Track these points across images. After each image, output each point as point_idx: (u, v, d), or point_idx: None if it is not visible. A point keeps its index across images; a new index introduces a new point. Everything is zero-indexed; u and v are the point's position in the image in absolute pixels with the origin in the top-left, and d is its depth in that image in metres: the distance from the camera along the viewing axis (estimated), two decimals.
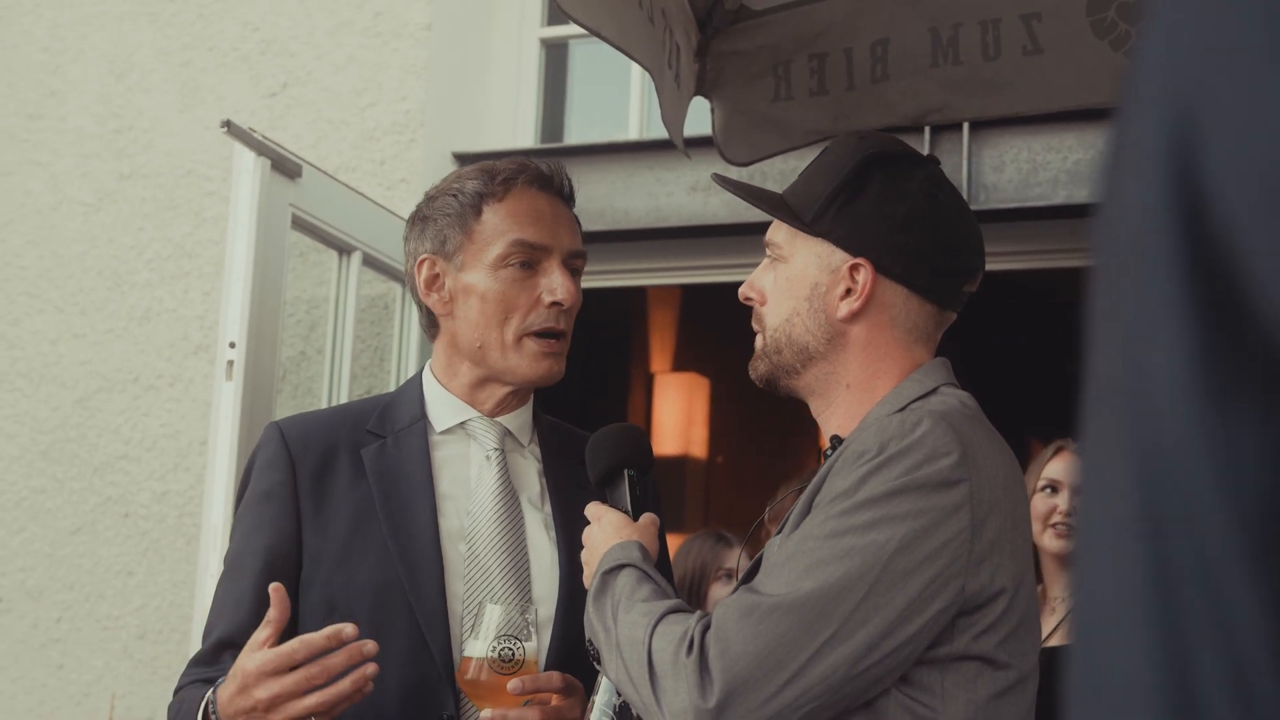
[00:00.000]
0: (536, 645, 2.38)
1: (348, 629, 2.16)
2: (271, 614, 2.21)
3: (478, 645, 2.33)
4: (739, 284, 2.17)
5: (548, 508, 2.60)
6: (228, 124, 3.63)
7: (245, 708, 2.18)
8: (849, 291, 2.10)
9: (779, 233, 2.19)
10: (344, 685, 2.15)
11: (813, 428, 7.56)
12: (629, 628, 1.97)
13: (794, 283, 2.14)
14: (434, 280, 2.59)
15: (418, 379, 2.67)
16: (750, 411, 8.16)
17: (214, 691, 2.25)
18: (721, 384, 7.90)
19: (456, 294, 2.55)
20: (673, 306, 7.71)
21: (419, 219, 2.63)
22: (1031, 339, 7.23)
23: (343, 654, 2.15)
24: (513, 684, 2.29)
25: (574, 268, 2.57)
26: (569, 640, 2.47)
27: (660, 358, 7.79)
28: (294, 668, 2.15)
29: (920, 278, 2.11)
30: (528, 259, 2.50)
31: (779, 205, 2.18)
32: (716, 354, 7.89)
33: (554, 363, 2.55)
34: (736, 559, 4.24)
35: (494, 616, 2.34)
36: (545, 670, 2.43)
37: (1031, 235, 4.26)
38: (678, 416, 7.65)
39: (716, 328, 7.83)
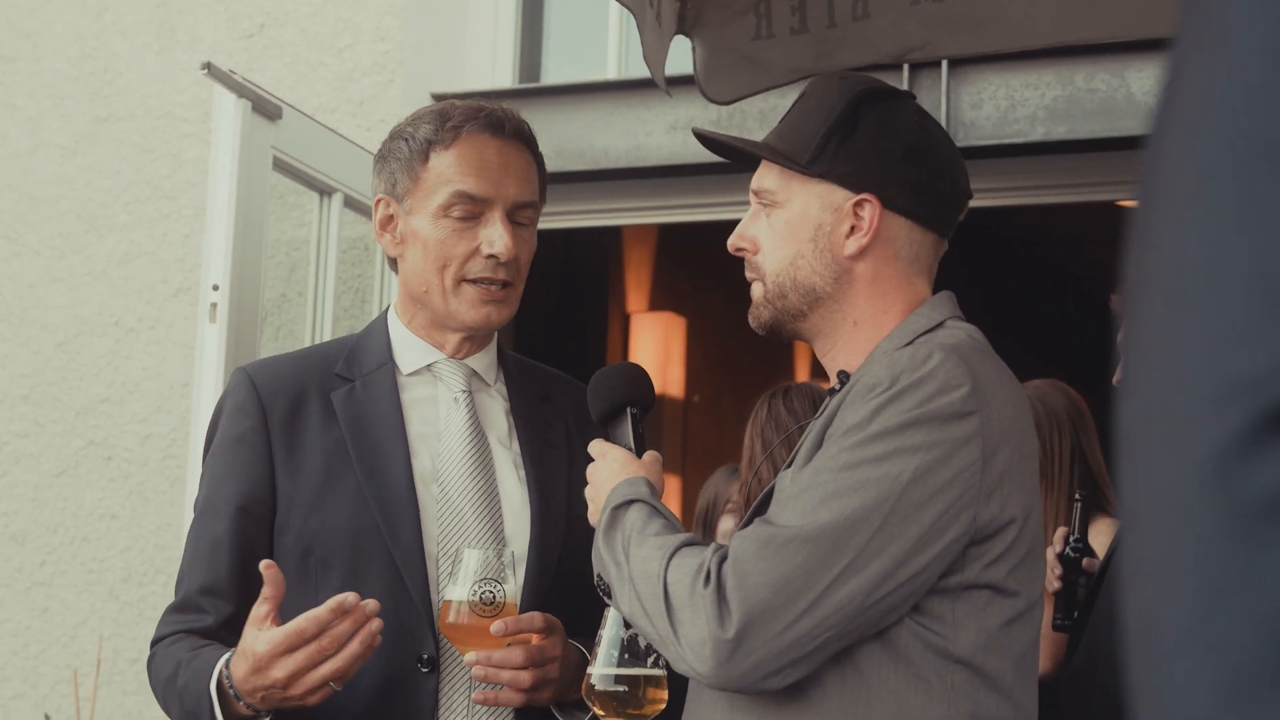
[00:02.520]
0: (515, 587, 2.39)
1: (350, 598, 2.18)
2: (268, 591, 2.23)
3: (457, 590, 2.33)
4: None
5: (515, 446, 2.60)
6: (208, 66, 3.59)
7: (263, 685, 2.21)
8: (854, 229, 2.11)
9: (769, 179, 2.18)
10: (354, 648, 2.19)
11: (788, 366, 7.56)
12: (643, 562, 1.97)
13: (794, 226, 2.14)
14: (388, 221, 2.59)
15: (383, 320, 2.66)
16: (726, 351, 8.17)
17: (226, 667, 2.26)
18: (698, 324, 7.91)
19: (406, 237, 2.56)
20: (649, 246, 7.70)
21: (380, 157, 2.64)
22: (1006, 276, 7.27)
23: (348, 621, 2.18)
24: (496, 626, 2.30)
25: (520, 219, 2.55)
26: (543, 577, 2.48)
27: (636, 298, 7.78)
28: (305, 642, 2.17)
29: (923, 208, 2.12)
30: (468, 210, 2.50)
31: (771, 151, 2.18)
32: (693, 294, 7.89)
33: (494, 309, 2.53)
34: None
35: (472, 561, 2.34)
36: (522, 609, 2.44)
37: (1010, 171, 4.26)
38: (654, 356, 7.66)
39: (694, 268, 7.83)
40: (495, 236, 2.49)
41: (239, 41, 4.76)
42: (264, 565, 2.24)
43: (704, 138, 2.29)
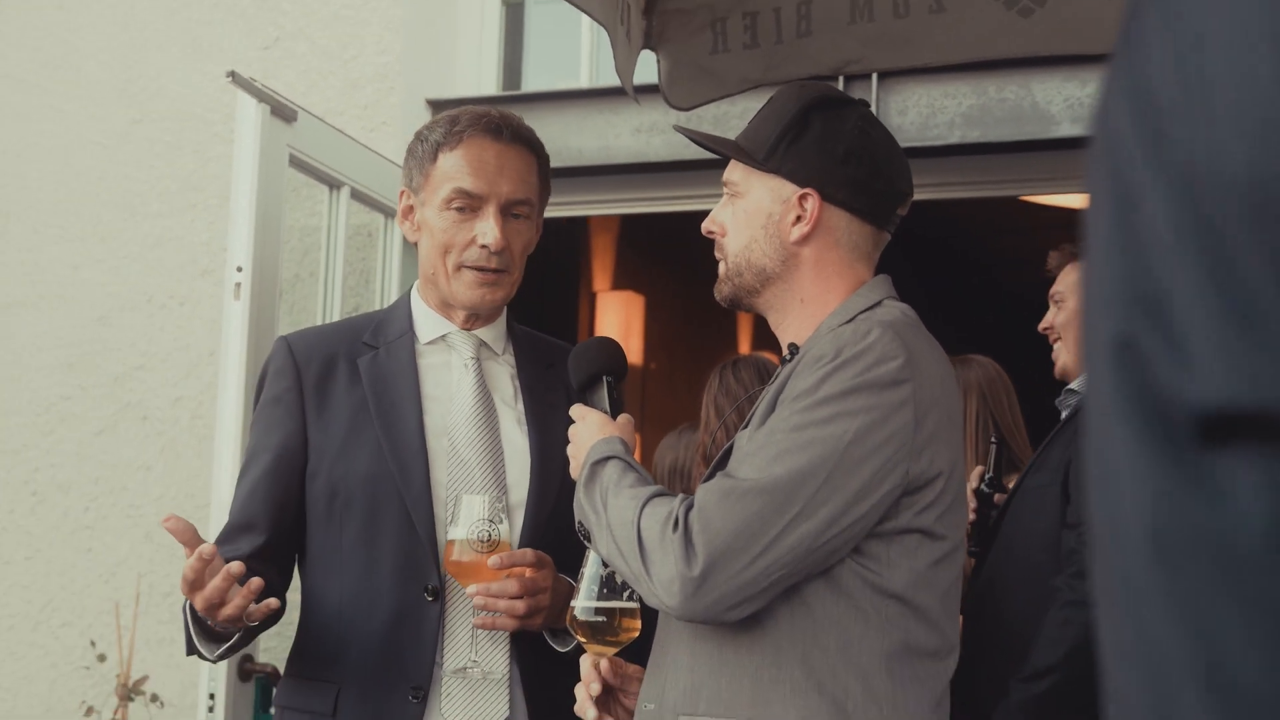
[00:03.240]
0: (509, 528, 2.40)
1: (205, 549, 2.20)
2: (183, 538, 2.25)
3: (459, 530, 2.35)
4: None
5: (520, 406, 2.62)
6: (233, 74, 3.58)
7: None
8: (799, 218, 2.12)
9: (735, 172, 2.20)
10: (238, 601, 2.21)
11: (731, 338, 7.55)
12: (618, 510, 1.98)
13: (750, 214, 2.16)
14: (408, 211, 2.64)
15: (406, 297, 2.69)
16: (679, 325, 8.20)
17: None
18: (655, 301, 7.92)
19: (421, 225, 2.59)
20: (613, 233, 7.70)
21: (406, 155, 2.66)
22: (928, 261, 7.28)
23: (221, 578, 2.19)
24: (492, 560, 2.32)
25: (514, 214, 2.56)
26: (540, 518, 2.51)
27: (601, 278, 7.79)
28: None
29: (860, 202, 2.13)
30: (466, 204, 2.53)
31: (735, 149, 2.19)
32: (651, 275, 7.90)
33: (488, 291, 2.56)
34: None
35: (472, 505, 2.36)
36: (520, 547, 2.45)
37: (930, 170, 4.27)
38: (617, 329, 7.64)
39: (652, 252, 7.83)
40: (487, 229, 2.51)
41: (257, 53, 4.73)
42: (164, 521, 2.28)
43: (684, 133, 2.30)
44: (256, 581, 2.22)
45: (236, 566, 2.21)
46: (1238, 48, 0.54)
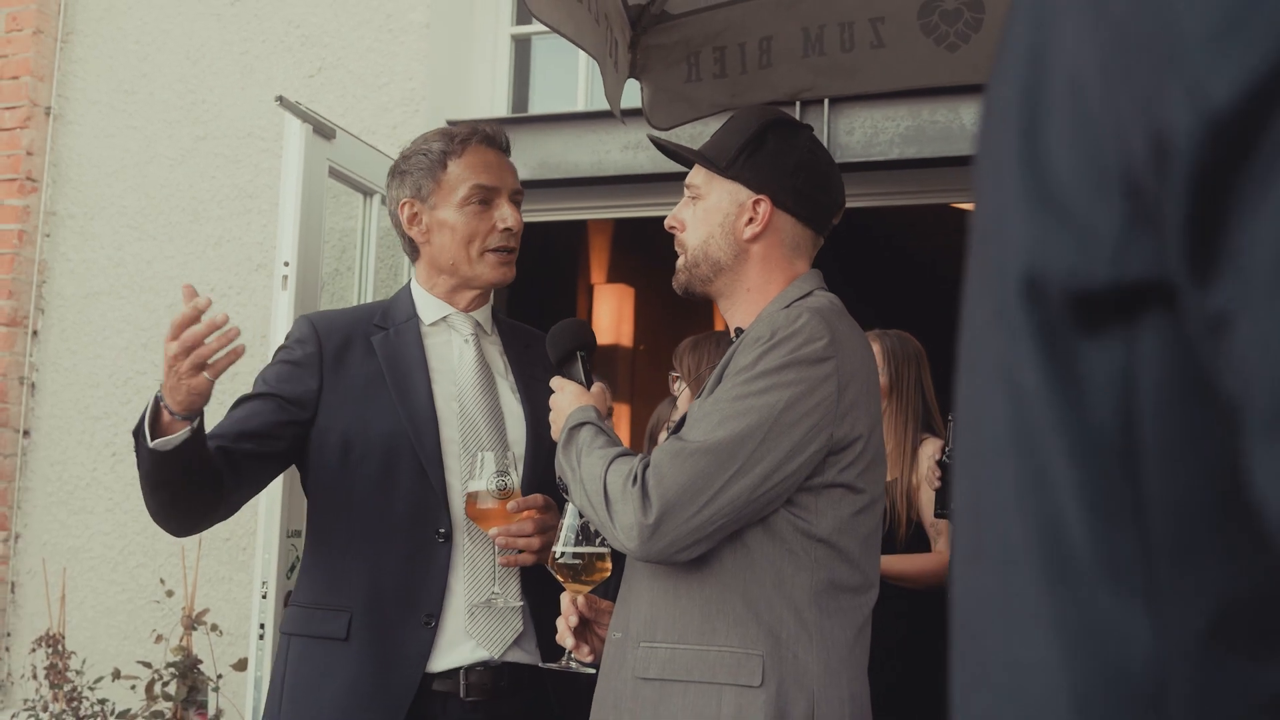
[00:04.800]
0: (518, 477, 2.40)
1: (201, 302, 2.19)
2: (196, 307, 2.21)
3: (479, 483, 2.35)
4: (660, 218, 2.17)
5: (511, 377, 2.63)
6: (280, 99, 3.57)
7: (170, 379, 2.20)
8: (751, 220, 2.12)
9: (698, 177, 2.19)
10: (213, 345, 2.18)
11: (708, 323, 7.53)
12: (589, 468, 1.99)
13: (710, 213, 2.15)
14: (414, 218, 2.60)
15: (407, 289, 2.68)
16: (664, 313, 8.18)
17: (159, 391, 2.25)
18: (643, 293, 7.91)
19: (433, 227, 2.57)
20: (607, 234, 7.69)
21: (397, 172, 2.63)
22: (870, 260, 7.28)
23: (202, 326, 2.18)
24: (510, 505, 2.33)
25: (517, 200, 2.60)
26: (537, 470, 2.51)
27: (597, 272, 7.78)
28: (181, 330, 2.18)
29: (804, 210, 2.13)
30: (484, 197, 2.53)
31: (700, 156, 2.18)
32: (640, 270, 7.89)
33: (508, 269, 2.59)
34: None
35: (488, 460, 2.36)
36: (522, 494, 2.46)
37: (874, 182, 4.27)
38: (611, 316, 7.65)
39: (640, 251, 7.82)
40: (507, 214, 2.54)
41: (303, 80, 4.72)
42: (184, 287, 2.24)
43: (657, 144, 2.29)
44: (234, 330, 2.18)
45: (221, 316, 2.18)
46: None
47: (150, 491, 2.32)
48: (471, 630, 2.42)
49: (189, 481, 2.30)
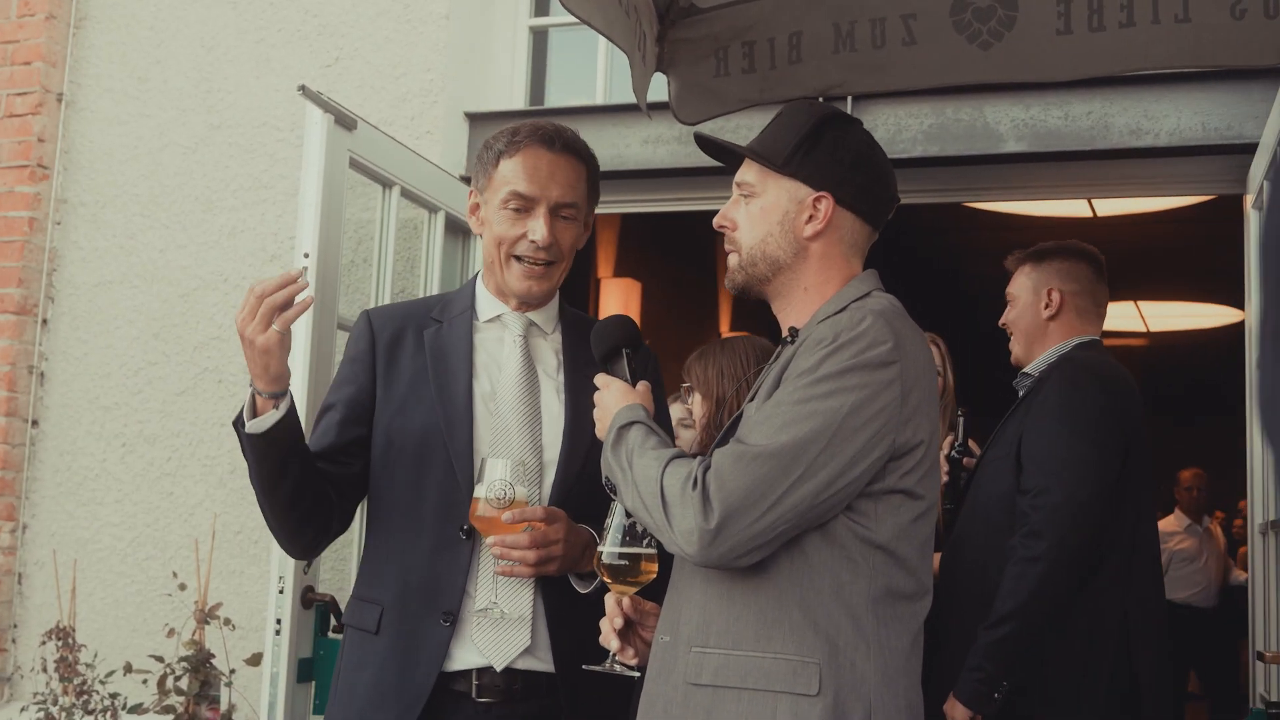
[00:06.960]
0: (536, 487, 2.38)
1: (291, 273, 2.22)
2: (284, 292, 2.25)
3: (481, 489, 2.32)
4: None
5: (561, 377, 2.59)
6: (303, 88, 3.52)
7: (249, 355, 2.24)
8: (811, 217, 2.08)
9: (750, 174, 2.14)
10: (282, 296, 2.20)
11: (713, 318, 7.50)
12: (644, 469, 1.95)
13: (767, 211, 2.11)
14: (475, 209, 2.60)
15: (473, 280, 2.68)
16: (669, 306, 8.18)
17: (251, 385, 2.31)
18: (649, 287, 7.90)
19: (484, 221, 2.55)
20: (614, 228, 7.66)
21: (476, 160, 2.63)
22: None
23: (275, 279, 2.21)
24: (506, 515, 2.29)
25: (562, 215, 2.52)
26: (569, 473, 2.48)
27: (605, 267, 7.77)
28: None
29: (864, 206, 2.10)
30: (520, 205, 2.49)
31: (754, 154, 2.14)
32: (646, 264, 7.87)
33: (534, 283, 2.53)
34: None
35: (494, 467, 2.33)
36: (551, 499, 2.43)
37: (897, 179, 4.24)
38: (617, 310, 7.62)
39: (647, 245, 7.80)
40: (536, 227, 2.48)
41: (320, 70, 4.68)
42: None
43: (704, 140, 2.20)
44: (303, 282, 2.23)
45: (295, 272, 2.23)
46: None
47: (264, 495, 2.38)
48: (476, 637, 2.41)
49: (299, 475, 2.37)
